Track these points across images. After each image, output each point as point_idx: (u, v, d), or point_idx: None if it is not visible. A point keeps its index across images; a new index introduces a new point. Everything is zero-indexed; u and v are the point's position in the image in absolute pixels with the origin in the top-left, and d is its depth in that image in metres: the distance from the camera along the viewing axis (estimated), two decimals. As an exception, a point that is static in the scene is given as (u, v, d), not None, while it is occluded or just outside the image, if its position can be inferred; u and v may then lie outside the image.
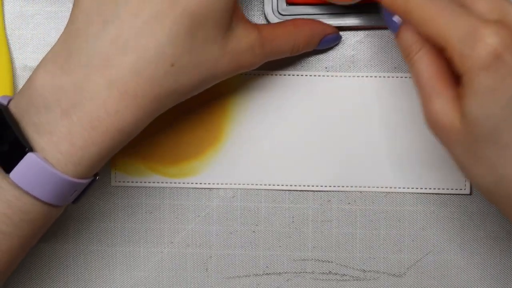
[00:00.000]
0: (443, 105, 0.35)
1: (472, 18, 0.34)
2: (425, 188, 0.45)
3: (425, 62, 0.37)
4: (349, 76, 0.46)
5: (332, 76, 0.46)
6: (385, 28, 0.45)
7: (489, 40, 0.32)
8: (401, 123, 0.45)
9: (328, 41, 0.44)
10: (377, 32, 0.46)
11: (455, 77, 0.35)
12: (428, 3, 0.35)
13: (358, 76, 0.45)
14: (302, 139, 0.45)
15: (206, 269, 0.46)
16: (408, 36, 0.38)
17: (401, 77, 0.45)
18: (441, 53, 0.35)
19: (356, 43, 0.46)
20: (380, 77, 0.45)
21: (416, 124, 0.45)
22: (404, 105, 0.45)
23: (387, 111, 0.45)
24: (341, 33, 0.45)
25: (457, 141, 0.35)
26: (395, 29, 0.39)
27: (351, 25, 0.44)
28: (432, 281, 0.45)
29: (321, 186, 0.45)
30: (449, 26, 0.34)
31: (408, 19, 0.37)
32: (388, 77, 0.45)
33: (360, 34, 0.46)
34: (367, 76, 0.45)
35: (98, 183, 0.45)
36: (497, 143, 0.33)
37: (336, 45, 0.45)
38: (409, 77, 0.45)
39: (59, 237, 0.45)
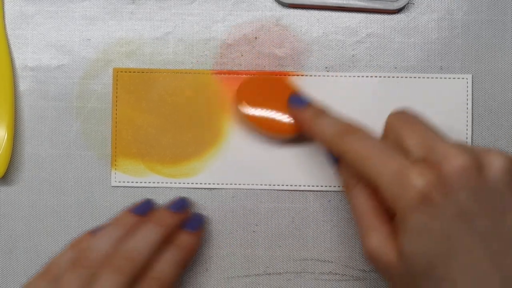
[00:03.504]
0: (380, 240, 0.36)
1: (399, 159, 0.35)
2: (425, 188, 0.45)
3: (362, 197, 0.38)
4: (349, 76, 0.46)
5: (332, 76, 0.46)
6: (386, 12, 0.45)
7: (416, 183, 0.33)
8: (401, 123, 0.45)
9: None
10: (378, 32, 0.46)
11: (391, 212, 0.36)
12: (360, 144, 0.37)
13: (358, 76, 0.46)
14: (302, 139, 0.45)
15: (206, 269, 0.46)
16: (345, 172, 0.40)
17: (401, 77, 0.45)
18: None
19: (356, 43, 0.46)
20: (380, 77, 0.45)
21: (416, 124, 0.45)
22: (404, 105, 0.45)
23: (387, 111, 0.45)
24: (344, 17, 0.45)
25: (395, 276, 0.36)
26: (334, 164, 0.42)
27: (354, 6, 0.45)
28: (432, 281, 0.45)
29: (321, 186, 0.45)
30: (379, 168, 0.35)
31: (342, 158, 0.38)
32: (388, 77, 0.46)
33: (360, 34, 0.46)
34: (367, 76, 0.45)
35: (98, 183, 0.46)
36: (433, 278, 0.34)
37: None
38: (409, 77, 0.45)
39: (60, 237, 0.45)
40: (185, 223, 0.43)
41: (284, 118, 0.44)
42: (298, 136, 0.44)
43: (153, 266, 0.40)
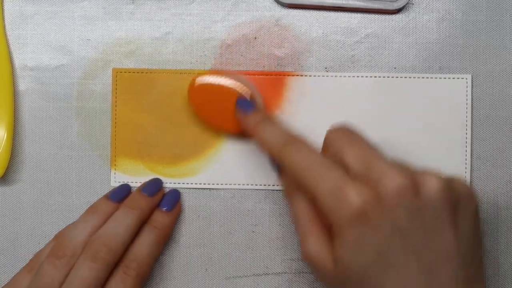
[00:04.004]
0: (317, 246, 0.37)
1: (338, 174, 0.35)
2: (425, 188, 0.45)
3: (301, 205, 0.39)
4: (349, 76, 0.46)
5: (332, 76, 0.46)
6: (386, 12, 0.45)
7: (353, 199, 0.34)
8: (400, 123, 0.45)
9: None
10: (377, 32, 0.46)
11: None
12: (300, 156, 0.37)
13: (357, 76, 0.46)
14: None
15: (206, 269, 0.46)
16: (286, 179, 0.41)
17: (401, 77, 0.45)
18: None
19: (355, 43, 0.46)
20: (379, 77, 0.45)
21: (415, 124, 0.45)
22: (404, 105, 0.45)
23: (387, 111, 0.45)
24: (342, 16, 0.45)
25: (332, 281, 0.36)
26: (275, 171, 0.43)
27: (354, 6, 0.45)
28: (432, 281, 0.45)
29: (321, 186, 0.45)
30: (318, 181, 0.36)
31: (283, 167, 0.39)
32: (388, 77, 0.45)
33: (360, 34, 0.46)
34: (366, 76, 0.45)
35: (98, 183, 0.46)
36: (368, 286, 0.35)
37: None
38: (409, 77, 0.45)
39: (59, 237, 0.46)
40: (160, 202, 0.44)
41: (231, 118, 0.44)
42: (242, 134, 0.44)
43: (130, 249, 0.42)
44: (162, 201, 0.44)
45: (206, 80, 0.44)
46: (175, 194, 0.45)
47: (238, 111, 0.43)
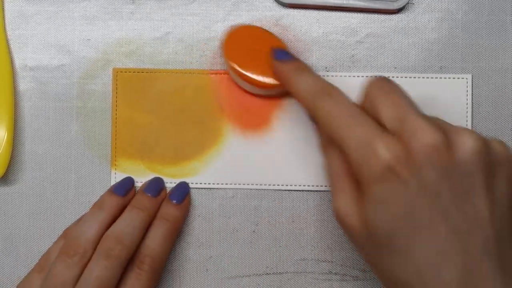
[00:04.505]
0: (347, 203, 0.36)
1: (369, 128, 0.35)
2: (425, 188, 0.45)
3: (335, 158, 0.38)
4: (349, 76, 0.46)
5: (332, 76, 0.46)
6: (386, 12, 0.45)
7: (382, 154, 0.33)
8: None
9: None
10: (378, 31, 0.46)
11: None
12: (333, 106, 0.36)
13: (358, 76, 0.46)
14: (302, 139, 0.45)
15: (206, 269, 0.46)
16: (321, 131, 0.40)
17: (401, 77, 0.45)
18: None
19: (356, 43, 0.46)
20: (380, 77, 0.45)
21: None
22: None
23: (387, 111, 0.45)
24: (342, 16, 0.45)
25: (359, 240, 0.36)
26: (313, 122, 0.42)
27: (354, 6, 0.45)
28: (432, 281, 0.45)
29: (321, 186, 0.45)
30: (347, 133, 0.35)
31: (315, 118, 0.38)
32: (389, 76, 0.45)
33: (360, 34, 0.46)
34: (367, 76, 0.45)
35: (98, 183, 0.46)
36: (391, 249, 0.34)
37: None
38: (409, 77, 0.45)
39: (59, 237, 0.46)
40: (170, 194, 0.44)
41: (267, 72, 0.43)
42: (281, 91, 0.43)
43: (142, 244, 0.41)
44: (172, 194, 0.44)
45: (243, 28, 0.44)
46: (185, 187, 0.45)
47: (274, 59, 0.42)
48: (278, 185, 0.45)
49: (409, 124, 0.34)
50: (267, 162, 0.45)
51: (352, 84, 0.45)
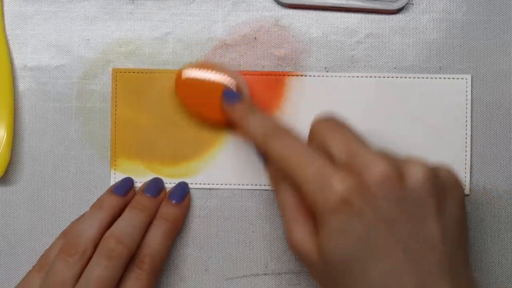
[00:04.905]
0: (302, 234, 0.37)
1: (322, 162, 0.36)
2: (424, 188, 0.45)
3: (287, 193, 0.39)
4: (348, 77, 0.46)
5: (332, 76, 0.46)
6: (386, 12, 0.45)
7: (337, 187, 0.34)
8: (400, 123, 0.45)
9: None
10: (377, 32, 0.46)
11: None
12: (285, 145, 0.38)
13: (357, 77, 0.46)
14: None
15: (206, 270, 0.46)
16: (272, 169, 0.41)
17: (401, 77, 0.45)
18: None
19: (355, 44, 0.46)
20: (379, 77, 0.45)
21: (415, 124, 0.45)
22: (403, 105, 0.45)
23: (386, 112, 0.45)
24: (342, 17, 0.45)
25: (316, 269, 0.37)
26: (262, 161, 0.43)
27: (354, 6, 0.45)
28: (431, 281, 0.45)
29: (321, 186, 0.45)
30: (300, 169, 0.36)
31: (269, 157, 0.39)
32: (388, 77, 0.45)
33: (359, 34, 0.46)
34: (366, 77, 0.45)
35: (97, 183, 0.46)
36: (347, 274, 0.35)
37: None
38: (408, 78, 0.45)
39: (59, 237, 0.46)
40: (169, 194, 0.45)
41: (217, 109, 0.44)
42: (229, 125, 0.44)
43: (142, 244, 0.42)
44: (172, 194, 0.45)
45: (193, 73, 0.44)
46: (184, 187, 0.45)
47: (224, 102, 0.43)
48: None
49: (361, 158, 0.35)
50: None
51: (351, 85, 0.46)
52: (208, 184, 0.46)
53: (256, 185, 0.45)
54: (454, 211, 0.36)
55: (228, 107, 0.43)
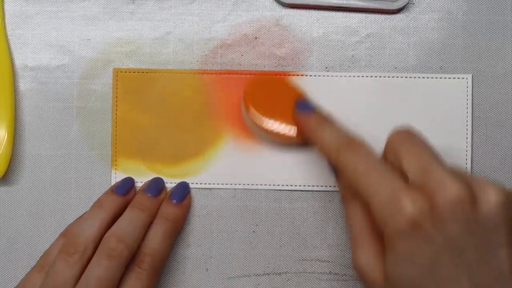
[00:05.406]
0: (368, 258, 0.36)
1: (394, 182, 0.34)
2: (425, 188, 0.45)
3: (357, 212, 0.38)
4: (349, 76, 0.46)
5: (332, 76, 0.46)
6: (386, 12, 0.45)
7: (407, 209, 0.33)
8: (401, 122, 0.45)
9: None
10: (378, 32, 0.46)
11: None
12: (357, 160, 0.36)
13: (358, 76, 0.46)
14: (307, 144, 0.45)
15: (206, 269, 0.46)
16: (343, 184, 0.40)
17: (401, 77, 0.45)
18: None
19: (356, 43, 0.46)
20: (380, 77, 0.45)
21: (415, 124, 0.45)
22: (403, 105, 0.45)
23: (387, 111, 0.45)
24: (343, 16, 0.45)
25: None
26: (333, 174, 0.42)
27: (354, 6, 0.45)
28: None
29: (321, 186, 0.45)
30: (373, 188, 0.35)
31: (339, 171, 0.38)
32: (388, 77, 0.46)
33: (360, 34, 0.46)
34: (367, 76, 0.45)
35: (98, 183, 0.46)
36: None
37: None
38: (409, 77, 0.45)
39: (59, 237, 0.46)
40: (170, 193, 0.45)
41: (289, 123, 0.43)
42: (303, 141, 0.44)
43: (142, 243, 0.41)
44: (172, 194, 0.45)
45: (263, 80, 0.44)
46: (185, 186, 0.45)
47: (298, 112, 0.42)
48: (278, 185, 0.45)
49: (433, 177, 0.34)
50: (266, 162, 0.45)
51: (352, 84, 0.46)
52: (209, 184, 0.46)
53: (256, 185, 0.45)
54: None
55: (301, 117, 0.42)
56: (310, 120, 0.41)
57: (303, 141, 0.43)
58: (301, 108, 0.42)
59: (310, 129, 0.41)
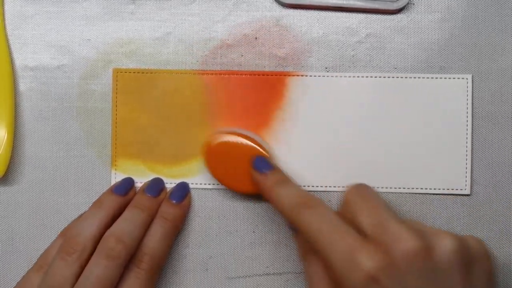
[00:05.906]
0: None
1: (351, 238, 0.35)
2: (425, 188, 0.45)
3: (315, 267, 0.39)
4: (349, 76, 0.46)
5: (332, 76, 0.46)
6: (386, 12, 0.45)
7: (364, 264, 0.34)
8: (400, 123, 0.45)
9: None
10: (378, 32, 0.46)
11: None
12: (315, 219, 0.37)
13: (358, 76, 0.46)
14: (302, 139, 0.45)
15: (206, 269, 0.46)
16: (301, 241, 0.41)
17: (401, 77, 0.45)
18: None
19: (356, 43, 0.46)
20: (380, 77, 0.45)
21: (415, 124, 0.45)
22: (404, 105, 0.45)
23: (387, 111, 0.45)
24: (342, 16, 0.45)
25: None
26: (292, 232, 0.43)
27: (354, 6, 0.45)
28: (432, 281, 0.45)
29: (321, 186, 0.45)
30: (330, 246, 0.36)
31: (298, 229, 0.39)
32: (388, 77, 0.45)
33: (360, 34, 0.46)
34: (367, 77, 0.45)
35: (98, 183, 0.46)
36: None
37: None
38: (409, 77, 0.45)
39: (59, 237, 0.46)
40: (170, 193, 0.45)
41: (246, 177, 0.43)
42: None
43: (141, 243, 0.42)
44: (172, 194, 0.45)
45: (222, 139, 0.44)
46: (185, 187, 0.45)
47: (254, 171, 0.43)
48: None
49: (389, 231, 0.35)
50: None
51: (352, 85, 0.46)
52: (209, 184, 0.46)
53: (256, 185, 0.45)
54: (482, 281, 0.36)
55: (258, 177, 0.42)
56: (266, 180, 0.42)
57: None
58: (257, 168, 0.43)
59: (267, 188, 0.41)
